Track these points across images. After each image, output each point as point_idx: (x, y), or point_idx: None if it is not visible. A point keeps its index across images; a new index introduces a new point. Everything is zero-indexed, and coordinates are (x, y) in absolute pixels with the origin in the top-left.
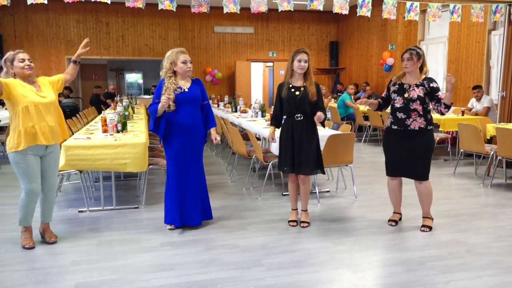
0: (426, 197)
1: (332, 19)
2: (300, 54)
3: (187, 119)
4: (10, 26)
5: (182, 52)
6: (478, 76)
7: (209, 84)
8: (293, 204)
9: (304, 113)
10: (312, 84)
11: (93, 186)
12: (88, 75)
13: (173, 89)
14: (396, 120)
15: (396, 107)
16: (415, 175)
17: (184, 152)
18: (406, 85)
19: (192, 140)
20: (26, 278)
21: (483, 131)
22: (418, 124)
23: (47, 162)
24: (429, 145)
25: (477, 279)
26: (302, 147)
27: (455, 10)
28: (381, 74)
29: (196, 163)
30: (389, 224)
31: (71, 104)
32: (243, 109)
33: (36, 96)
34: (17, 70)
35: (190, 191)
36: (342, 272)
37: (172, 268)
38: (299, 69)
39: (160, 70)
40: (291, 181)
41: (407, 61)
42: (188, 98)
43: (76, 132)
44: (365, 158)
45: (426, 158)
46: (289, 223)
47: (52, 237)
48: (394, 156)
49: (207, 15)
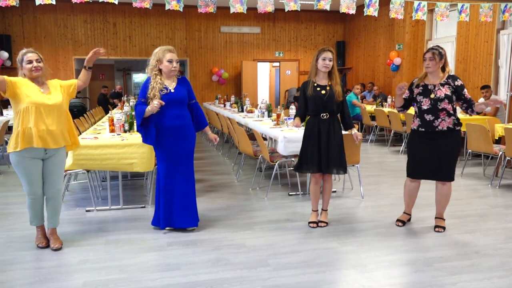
0: (445, 198)
1: (339, 19)
2: (325, 53)
3: (173, 120)
4: (18, 27)
5: (170, 50)
6: (487, 76)
7: (216, 84)
8: (315, 205)
9: (331, 112)
10: (338, 83)
11: (100, 186)
12: (95, 75)
13: (158, 89)
14: (424, 122)
15: (424, 109)
16: (441, 176)
17: (173, 153)
18: (430, 86)
19: (181, 141)
20: (34, 277)
21: (492, 131)
22: (447, 124)
23: (48, 167)
24: (456, 145)
25: (485, 280)
26: (330, 146)
27: (463, 10)
28: (388, 74)
29: (185, 165)
30: (396, 224)
31: (79, 104)
32: (249, 109)
33: (40, 97)
34: (25, 71)
35: (178, 193)
36: (349, 273)
37: (179, 267)
38: (324, 68)
39: (146, 67)
40: (314, 182)
41: (429, 60)
42: (174, 99)
43: (84, 132)
44: (372, 159)
45: (453, 159)
46: (310, 225)
47: (56, 243)
48: (419, 158)
49: (213, 15)
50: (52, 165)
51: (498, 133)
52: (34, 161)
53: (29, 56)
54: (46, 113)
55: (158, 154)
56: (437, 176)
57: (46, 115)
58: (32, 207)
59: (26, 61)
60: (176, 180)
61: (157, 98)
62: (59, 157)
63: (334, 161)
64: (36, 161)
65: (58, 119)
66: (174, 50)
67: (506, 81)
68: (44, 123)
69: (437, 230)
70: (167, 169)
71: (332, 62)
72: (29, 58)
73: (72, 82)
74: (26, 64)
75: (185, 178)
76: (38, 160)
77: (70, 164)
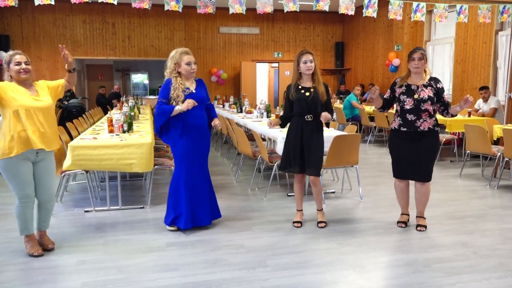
0: (425, 198)
1: (337, 20)
2: (304, 56)
3: (196, 119)
4: (17, 27)
5: (186, 53)
6: (485, 77)
7: (215, 84)
8: (299, 205)
9: (315, 113)
10: (320, 83)
11: (99, 186)
12: (94, 76)
13: (181, 89)
14: (406, 121)
15: (406, 108)
16: (421, 176)
17: (194, 152)
18: (413, 86)
19: (199, 140)
20: (32, 277)
21: (490, 132)
22: (428, 125)
23: (39, 170)
24: (436, 146)
25: (483, 281)
26: (312, 148)
27: (462, 11)
28: (387, 74)
29: (203, 163)
30: (398, 226)
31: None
32: (248, 109)
33: (29, 100)
34: (12, 73)
35: (200, 192)
36: (348, 273)
37: (178, 268)
38: (307, 70)
39: (164, 70)
40: (297, 181)
41: (419, 60)
42: (196, 99)
43: (83, 132)
44: (370, 159)
45: (432, 160)
46: (294, 224)
47: (49, 244)
48: (401, 159)
49: (212, 16)
50: (42, 169)
51: (496, 134)
52: (25, 162)
53: (17, 58)
54: (38, 116)
55: (178, 152)
56: (417, 176)
57: (37, 118)
58: (23, 214)
59: (15, 63)
60: (199, 178)
61: (181, 99)
62: (49, 161)
63: (315, 163)
64: (27, 162)
65: (48, 121)
66: (190, 52)
67: (504, 82)
68: (37, 126)
69: (419, 230)
70: (187, 168)
71: (313, 63)
72: (17, 60)
73: (59, 83)
74: (15, 65)
75: (205, 175)
76: (29, 162)
77: (69, 165)
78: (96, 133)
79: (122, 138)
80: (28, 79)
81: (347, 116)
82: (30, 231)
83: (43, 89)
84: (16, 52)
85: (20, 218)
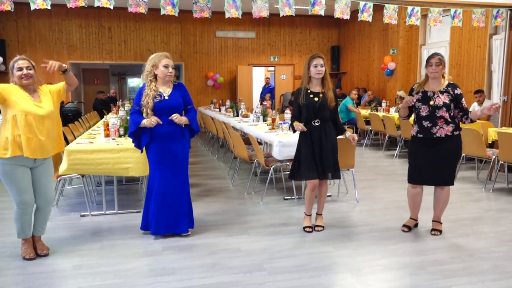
0: (444, 203)
1: (333, 24)
2: (315, 60)
3: (166, 126)
4: (13, 31)
5: (166, 56)
6: (480, 81)
7: (211, 88)
8: (309, 210)
9: (322, 119)
10: (330, 89)
11: (95, 191)
12: (90, 80)
13: (152, 96)
14: (422, 128)
15: (422, 115)
16: (441, 181)
17: (165, 159)
18: (430, 93)
19: (173, 146)
20: (28, 282)
21: (485, 136)
22: (445, 132)
23: (37, 175)
24: (457, 150)
25: (479, 283)
26: (324, 152)
27: (456, 15)
28: (383, 78)
29: (179, 170)
30: (402, 230)
31: (74, 108)
32: (244, 113)
33: (30, 106)
34: (15, 78)
35: (172, 197)
36: (344, 277)
37: (174, 272)
38: (317, 74)
39: (141, 73)
40: (311, 189)
41: (436, 66)
42: (168, 107)
43: (79, 136)
44: (366, 163)
45: (453, 163)
46: (305, 229)
47: (44, 249)
48: (420, 164)
49: (208, 20)
50: (41, 174)
51: (491, 137)
52: (23, 168)
53: (20, 63)
54: (37, 123)
55: (150, 159)
56: (437, 181)
57: (36, 125)
58: (21, 219)
59: (17, 68)
60: (170, 185)
61: (150, 106)
62: (47, 166)
63: (329, 166)
64: (25, 169)
65: (48, 128)
66: (170, 56)
67: (498, 86)
68: (34, 133)
69: (434, 233)
70: (160, 174)
71: (324, 67)
72: (19, 66)
73: (61, 86)
74: (16, 71)
75: (182, 182)
76: (27, 169)
77: (65, 169)
78: (92, 137)
79: (118, 142)
80: (30, 84)
81: (343, 119)
82: (27, 235)
83: (46, 94)
84: (19, 58)
85: (17, 223)
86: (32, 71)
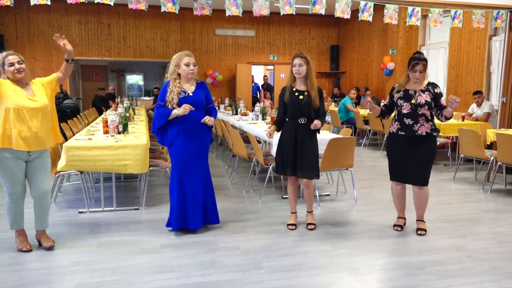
0: (424, 202)
1: (333, 23)
2: (295, 59)
3: (193, 122)
4: (12, 27)
5: (187, 54)
6: (479, 82)
7: (210, 86)
8: (293, 207)
9: (308, 117)
10: (313, 88)
11: (94, 187)
12: (89, 76)
13: (177, 92)
14: (403, 126)
15: (403, 113)
16: (418, 181)
17: (187, 155)
18: (411, 91)
19: (195, 143)
20: (25, 279)
21: (483, 137)
22: (425, 129)
23: (32, 168)
24: (433, 151)
25: (477, 284)
26: (306, 151)
27: (457, 16)
28: (382, 78)
29: (200, 166)
30: (395, 229)
31: (72, 105)
32: (243, 111)
33: (23, 99)
34: (8, 74)
35: (193, 195)
36: (342, 276)
37: (172, 270)
38: (296, 74)
39: (166, 73)
40: (290, 184)
41: (420, 73)
42: (191, 103)
43: (77, 133)
44: (365, 162)
45: (429, 164)
46: (288, 227)
47: (49, 242)
48: (399, 162)
49: (208, 18)
50: (36, 166)
51: (489, 139)
52: (16, 161)
53: (10, 58)
54: (30, 116)
55: (173, 153)
56: (414, 180)
57: (30, 118)
58: (12, 210)
59: (8, 64)
60: (193, 180)
61: (175, 102)
62: (44, 159)
63: (309, 166)
64: (18, 161)
65: (43, 120)
66: (191, 54)
67: (497, 87)
68: (27, 126)
69: (420, 233)
70: (181, 169)
71: (303, 67)
72: (10, 61)
73: (53, 77)
74: (8, 67)
75: (203, 178)
76: (21, 161)
77: (64, 165)
78: (91, 133)
79: (117, 139)
80: (24, 78)
81: (342, 119)
82: (20, 227)
83: (39, 88)
84: (8, 53)
85: (9, 213)
86: (23, 65)
